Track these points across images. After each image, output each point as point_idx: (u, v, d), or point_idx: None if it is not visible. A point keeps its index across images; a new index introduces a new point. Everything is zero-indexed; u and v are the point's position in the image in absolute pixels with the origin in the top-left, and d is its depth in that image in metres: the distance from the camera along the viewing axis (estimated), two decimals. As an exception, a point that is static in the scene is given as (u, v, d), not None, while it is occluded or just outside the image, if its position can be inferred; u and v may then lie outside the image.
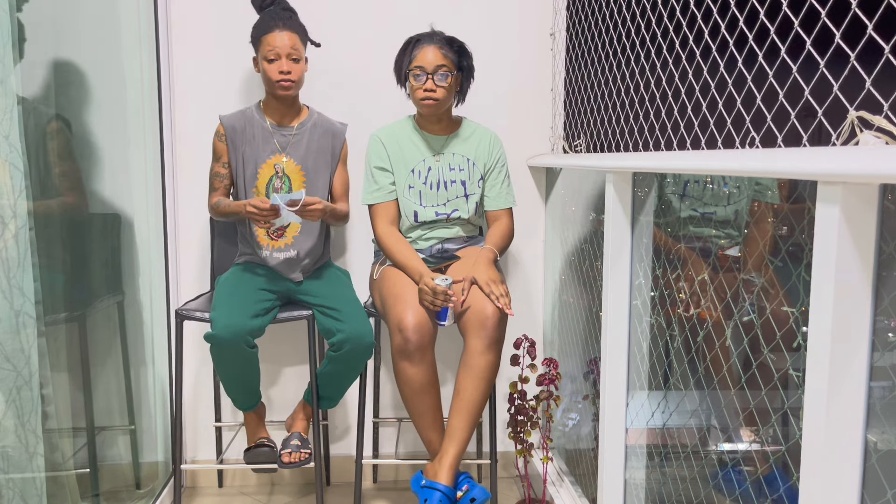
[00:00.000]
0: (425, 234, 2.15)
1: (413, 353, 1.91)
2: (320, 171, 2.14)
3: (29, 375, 1.42)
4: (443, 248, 2.16)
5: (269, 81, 2.03)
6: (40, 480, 1.46)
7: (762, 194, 1.36)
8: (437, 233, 2.16)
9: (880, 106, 0.82)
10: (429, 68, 2.00)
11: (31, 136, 1.57)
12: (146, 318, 2.28)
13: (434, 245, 2.16)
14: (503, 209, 2.18)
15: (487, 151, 2.17)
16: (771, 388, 1.17)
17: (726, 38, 1.19)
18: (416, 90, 2.04)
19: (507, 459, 2.57)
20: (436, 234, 2.16)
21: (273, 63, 2.00)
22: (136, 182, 2.20)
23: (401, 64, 2.08)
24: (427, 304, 1.92)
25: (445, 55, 2.02)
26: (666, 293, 1.55)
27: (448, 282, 1.92)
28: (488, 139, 2.18)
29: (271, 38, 1.99)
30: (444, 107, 2.07)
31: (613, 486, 1.72)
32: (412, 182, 2.12)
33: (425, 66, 2.01)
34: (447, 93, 2.04)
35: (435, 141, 2.14)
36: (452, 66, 2.03)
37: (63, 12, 1.80)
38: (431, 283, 1.91)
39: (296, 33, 2.02)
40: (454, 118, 2.19)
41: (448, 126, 2.16)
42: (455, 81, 2.07)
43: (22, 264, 1.39)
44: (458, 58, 2.06)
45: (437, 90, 2.01)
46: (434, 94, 2.01)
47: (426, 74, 2.01)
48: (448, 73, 2.02)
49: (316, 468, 2.12)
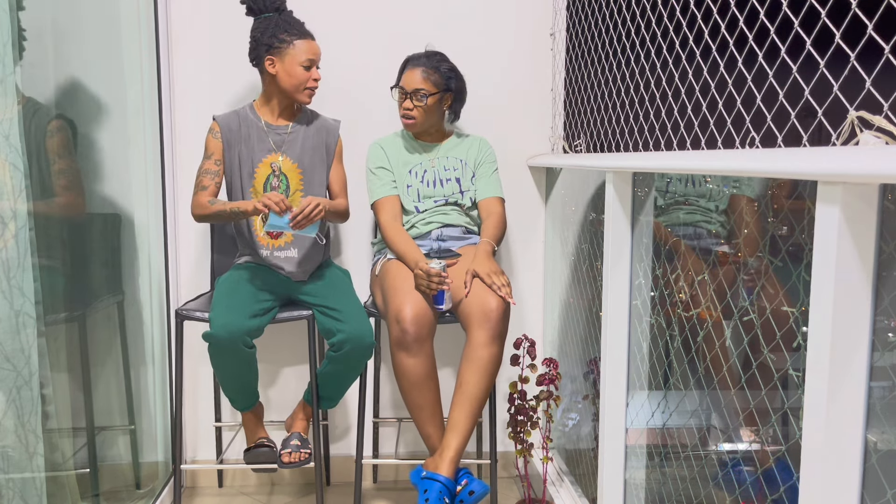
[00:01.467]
0: (426, 217, 2.20)
1: (411, 345, 1.92)
2: (316, 169, 2.15)
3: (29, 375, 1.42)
4: (442, 236, 2.18)
5: (295, 85, 2.03)
6: (40, 480, 1.46)
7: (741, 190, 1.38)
8: (437, 217, 2.19)
9: (880, 106, 0.82)
10: (408, 89, 2.13)
11: (31, 136, 1.57)
12: (146, 318, 2.28)
13: (434, 230, 2.18)
14: (493, 197, 2.22)
15: (476, 150, 2.26)
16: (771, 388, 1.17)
17: (726, 38, 1.19)
18: (398, 106, 2.17)
19: (507, 459, 2.57)
20: (436, 219, 2.19)
21: (309, 69, 2.04)
22: (136, 182, 2.20)
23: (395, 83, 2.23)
24: (423, 288, 1.96)
25: (427, 79, 2.12)
26: (666, 293, 1.56)
27: (441, 264, 1.97)
28: (478, 142, 2.29)
29: (309, 45, 2.04)
30: (423, 126, 2.18)
31: (613, 486, 1.72)
32: (410, 181, 2.21)
33: (405, 86, 2.14)
34: (424, 113, 2.14)
35: (430, 147, 2.26)
36: (434, 88, 2.13)
37: (63, 13, 1.80)
38: (425, 266, 1.96)
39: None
40: (446, 131, 2.29)
41: (440, 136, 2.28)
42: (438, 102, 2.16)
43: (22, 264, 1.39)
44: (446, 80, 2.14)
45: (413, 109, 2.14)
46: (410, 112, 2.14)
47: (405, 94, 2.14)
48: (426, 95, 2.12)
49: (316, 468, 2.12)
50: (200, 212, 2.00)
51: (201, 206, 2.00)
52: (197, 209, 2.01)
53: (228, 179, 2.10)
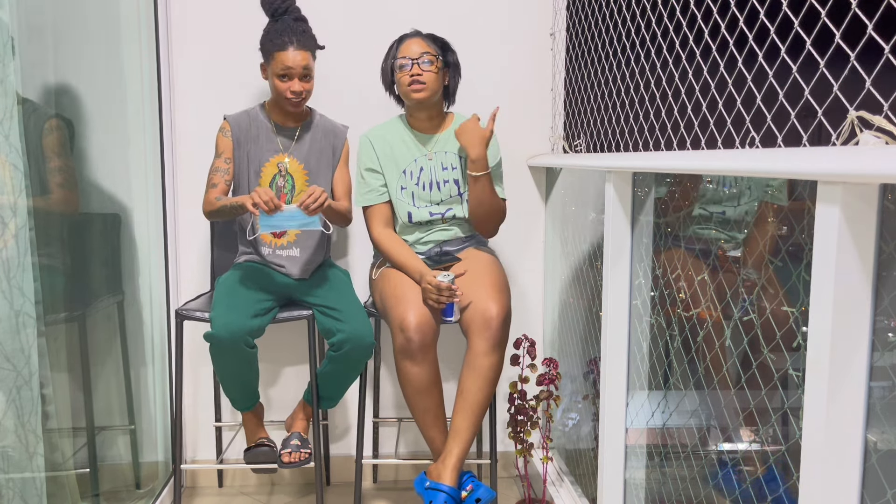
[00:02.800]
0: (423, 237, 2.15)
1: (415, 353, 1.91)
2: (322, 171, 2.15)
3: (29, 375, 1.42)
4: (442, 252, 2.15)
5: (277, 95, 2.02)
6: (40, 480, 1.46)
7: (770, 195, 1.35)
8: (434, 236, 2.16)
9: (880, 106, 0.82)
10: (414, 55, 2.04)
11: (31, 136, 1.57)
12: (146, 318, 2.28)
13: (433, 248, 2.16)
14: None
15: None
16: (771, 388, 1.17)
17: (726, 38, 1.19)
18: (402, 80, 2.06)
19: (507, 459, 2.57)
20: (433, 238, 2.16)
21: (285, 81, 2.00)
22: (136, 182, 2.20)
23: (386, 65, 2.12)
24: (432, 302, 1.92)
25: (429, 45, 2.06)
26: (666, 293, 1.55)
27: (450, 277, 1.92)
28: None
29: (284, 57, 1.97)
30: (433, 95, 2.07)
31: (613, 486, 1.72)
32: (404, 183, 2.13)
33: (410, 54, 2.04)
34: (435, 77, 2.05)
35: (426, 140, 2.15)
36: (436, 55, 2.06)
37: (63, 13, 1.80)
38: (434, 280, 1.91)
39: (308, 51, 2.01)
40: (444, 114, 2.19)
41: (438, 123, 2.17)
42: (441, 74, 2.08)
43: (22, 264, 1.39)
44: (443, 53, 2.09)
45: (423, 74, 2.03)
46: (420, 77, 2.03)
47: (411, 61, 2.03)
48: (433, 59, 2.04)
49: (316, 468, 2.12)
50: (208, 209, 2.03)
51: (209, 203, 2.02)
52: (205, 206, 2.04)
53: (236, 178, 2.11)
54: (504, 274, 2.10)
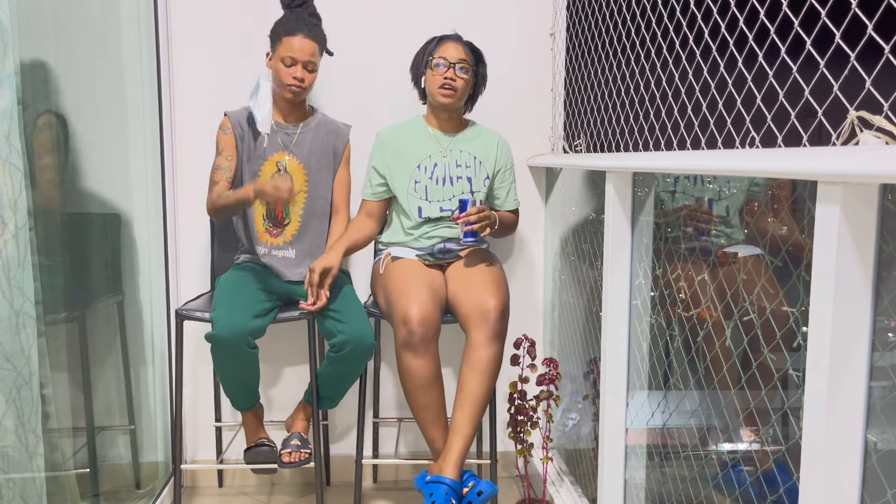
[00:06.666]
0: (429, 231, 2.16)
1: (417, 346, 1.92)
2: (322, 171, 2.15)
3: (29, 375, 1.42)
4: (445, 248, 2.16)
5: (278, 81, 2.03)
6: (40, 480, 1.46)
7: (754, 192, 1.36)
8: (440, 231, 2.17)
9: (880, 106, 0.82)
10: (452, 59, 2.07)
11: (30, 136, 1.57)
12: (146, 318, 2.28)
13: (436, 244, 2.16)
14: (512, 210, 2.28)
15: (496, 154, 2.21)
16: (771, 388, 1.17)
17: (726, 38, 1.19)
18: (434, 79, 2.08)
19: (507, 459, 2.57)
20: (439, 233, 2.17)
21: (289, 67, 2.00)
22: (136, 182, 2.20)
23: (420, 58, 2.15)
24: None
25: (467, 53, 2.10)
26: (666, 293, 1.55)
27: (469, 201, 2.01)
28: (496, 142, 2.22)
29: (293, 42, 1.98)
30: (459, 101, 2.12)
31: (613, 486, 1.72)
32: (418, 177, 2.15)
33: (448, 57, 2.07)
34: (465, 86, 2.10)
35: (442, 138, 2.19)
36: (470, 65, 2.10)
37: (63, 13, 1.80)
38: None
39: (317, 43, 2.03)
40: (463, 120, 2.24)
41: (457, 126, 2.21)
42: (469, 83, 2.13)
43: (22, 264, 1.39)
44: (476, 62, 2.14)
45: (456, 80, 2.07)
46: (454, 83, 2.07)
47: (449, 65, 2.07)
48: (467, 68, 2.09)
49: (316, 468, 2.12)
50: (211, 206, 2.03)
51: (212, 201, 2.02)
52: (208, 204, 2.04)
53: (238, 174, 2.11)
54: (502, 271, 2.11)
